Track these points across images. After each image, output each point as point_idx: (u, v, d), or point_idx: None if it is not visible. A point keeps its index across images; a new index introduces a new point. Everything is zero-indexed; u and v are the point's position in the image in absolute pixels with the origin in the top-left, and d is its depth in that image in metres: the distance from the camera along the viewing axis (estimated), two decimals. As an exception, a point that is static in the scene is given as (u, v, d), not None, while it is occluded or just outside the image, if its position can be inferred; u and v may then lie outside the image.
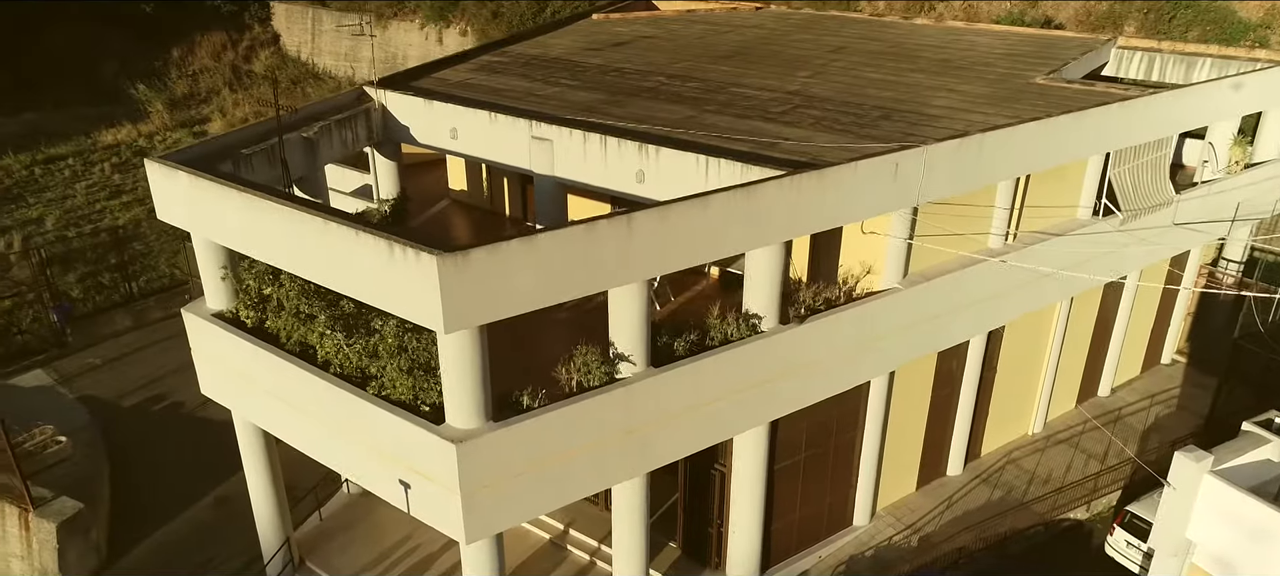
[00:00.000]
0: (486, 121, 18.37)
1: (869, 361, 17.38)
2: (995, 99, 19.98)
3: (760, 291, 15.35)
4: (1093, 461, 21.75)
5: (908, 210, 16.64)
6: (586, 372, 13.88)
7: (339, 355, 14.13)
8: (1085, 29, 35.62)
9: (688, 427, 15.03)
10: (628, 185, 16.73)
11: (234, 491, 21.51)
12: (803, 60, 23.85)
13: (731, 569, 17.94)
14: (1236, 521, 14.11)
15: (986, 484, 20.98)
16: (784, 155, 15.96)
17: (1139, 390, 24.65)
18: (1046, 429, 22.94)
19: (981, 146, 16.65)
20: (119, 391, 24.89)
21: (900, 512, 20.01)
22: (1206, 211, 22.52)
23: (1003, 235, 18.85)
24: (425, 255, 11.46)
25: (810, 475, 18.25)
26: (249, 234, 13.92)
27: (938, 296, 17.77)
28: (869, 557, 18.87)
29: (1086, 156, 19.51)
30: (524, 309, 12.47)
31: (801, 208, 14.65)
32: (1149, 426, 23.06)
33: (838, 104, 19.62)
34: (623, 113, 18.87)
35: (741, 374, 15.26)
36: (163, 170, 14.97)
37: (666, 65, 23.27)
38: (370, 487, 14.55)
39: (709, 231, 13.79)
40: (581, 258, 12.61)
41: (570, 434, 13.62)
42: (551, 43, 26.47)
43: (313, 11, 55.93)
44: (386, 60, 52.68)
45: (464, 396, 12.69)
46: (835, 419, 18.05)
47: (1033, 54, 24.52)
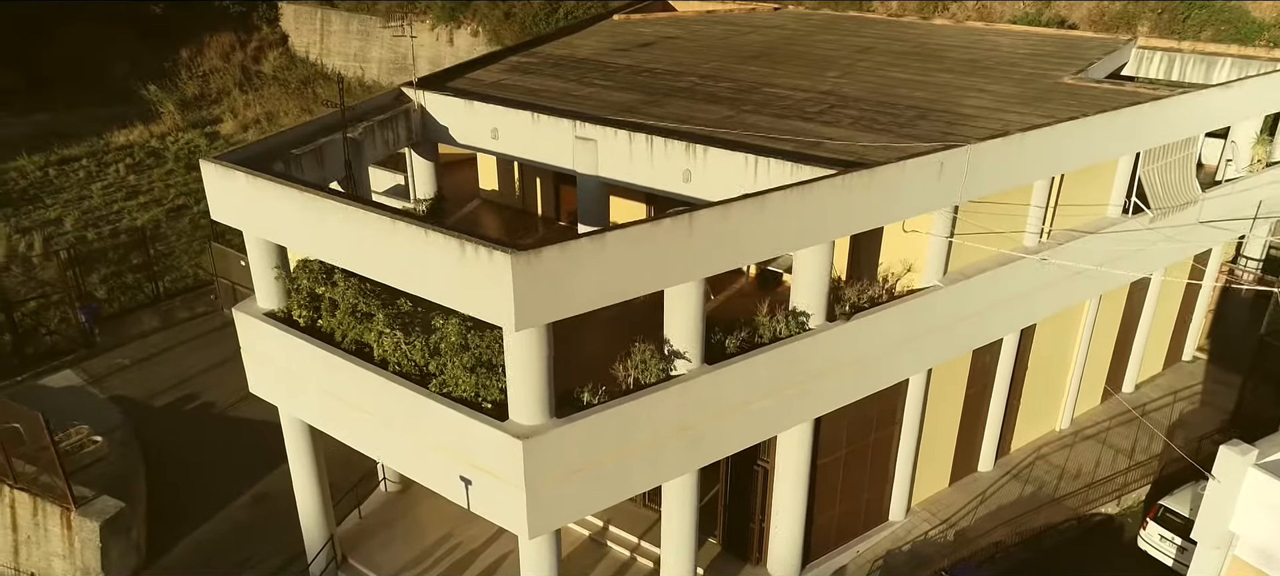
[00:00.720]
0: (529, 122, 18.52)
1: (911, 358, 17.61)
2: (1026, 99, 20.21)
3: (808, 289, 15.56)
4: (1120, 457, 22.02)
5: (949, 209, 16.88)
6: (643, 369, 14.06)
7: (397, 353, 14.29)
8: (1099, 29, 35.96)
9: (739, 424, 15.24)
10: (674, 184, 16.91)
11: (271, 490, 21.71)
12: (830, 60, 24.06)
13: (773, 564, 18.15)
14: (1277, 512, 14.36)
15: (1017, 479, 21.22)
16: (830, 155, 16.15)
17: (1162, 386, 24.94)
18: (1073, 425, 23.21)
19: (1022, 145, 16.89)
20: (150, 391, 24.98)
21: (935, 508, 20.25)
22: (1229, 209, 22.83)
23: (1037, 233, 19.11)
24: (499, 254, 11.63)
25: (850, 471, 18.48)
26: (310, 233, 14.06)
27: (977, 294, 18.01)
28: (906, 552, 19.10)
29: (1120, 155, 19.76)
30: (589, 307, 12.64)
31: (853, 206, 14.87)
32: (1174, 422, 23.34)
33: (872, 104, 19.82)
34: (661, 113, 19.05)
35: (791, 370, 15.47)
36: (219, 170, 15.11)
37: (696, 66, 23.45)
38: (428, 484, 14.70)
39: (765, 230, 13.99)
40: (646, 256, 12.80)
41: (629, 430, 13.80)
42: (577, 43, 26.62)
43: (321, 12, 56.03)
44: (395, 61, 52.88)
45: (529, 393, 12.87)
46: (875, 415, 18.27)
47: (1056, 54, 24.76)
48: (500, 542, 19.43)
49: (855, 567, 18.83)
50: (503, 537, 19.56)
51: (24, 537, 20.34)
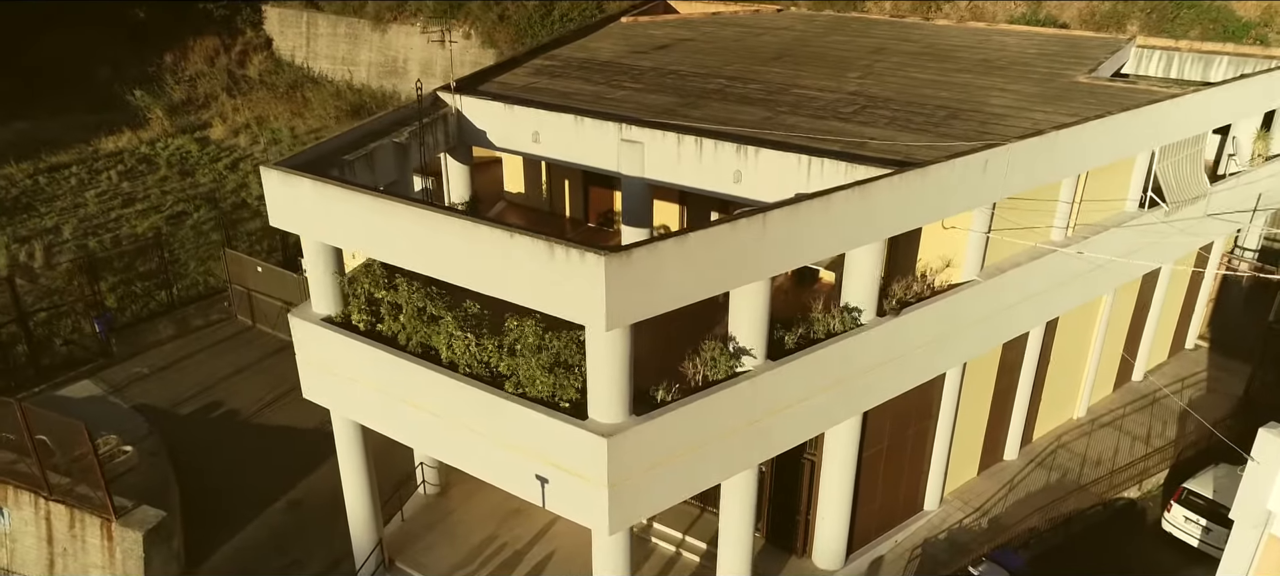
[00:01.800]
0: (572, 125, 18.75)
1: (952, 351, 18.14)
2: (1047, 98, 20.81)
3: (860, 286, 15.99)
4: (1137, 443, 22.77)
5: (988, 206, 17.40)
6: (712, 366, 14.39)
7: (467, 354, 14.47)
8: (1090, 27, 36.91)
9: (799, 418, 15.63)
10: (723, 185, 17.24)
11: (306, 495, 21.72)
12: (847, 61, 24.52)
13: (817, 556, 18.58)
14: (1317, 492, 15.05)
15: (1042, 467, 21.87)
16: (877, 154, 16.57)
17: (1169, 374, 25.78)
18: (1089, 413, 23.94)
19: (1057, 143, 17.46)
20: (173, 399, 24.79)
21: (966, 497, 20.81)
22: (1233, 203, 23.69)
23: (1064, 228, 19.74)
24: (591, 255, 11.88)
25: (890, 462, 18.95)
26: (384, 239, 14.18)
27: (1011, 287, 18.59)
28: (943, 540, 19.63)
29: (1141, 151, 20.46)
30: (670, 306, 12.94)
31: (908, 204, 15.32)
32: (1188, 406, 24.15)
33: (902, 104, 20.30)
34: (701, 115, 19.36)
35: (846, 365, 15.89)
36: (282, 177, 15.17)
37: (720, 68, 23.79)
38: (499, 483, 14.90)
39: (830, 228, 14.40)
40: (723, 255, 13.13)
41: (702, 426, 14.13)
42: (593, 46, 26.84)
43: (307, 15, 55.58)
44: (385, 64, 52.66)
45: (611, 392, 13.13)
46: (913, 408, 18.75)
47: (1063, 53, 25.45)
48: (545, 542, 19.66)
49: (893, 557, 19.31)
50: (547, 537, 19.79)
51: (60, 550, 20.15)
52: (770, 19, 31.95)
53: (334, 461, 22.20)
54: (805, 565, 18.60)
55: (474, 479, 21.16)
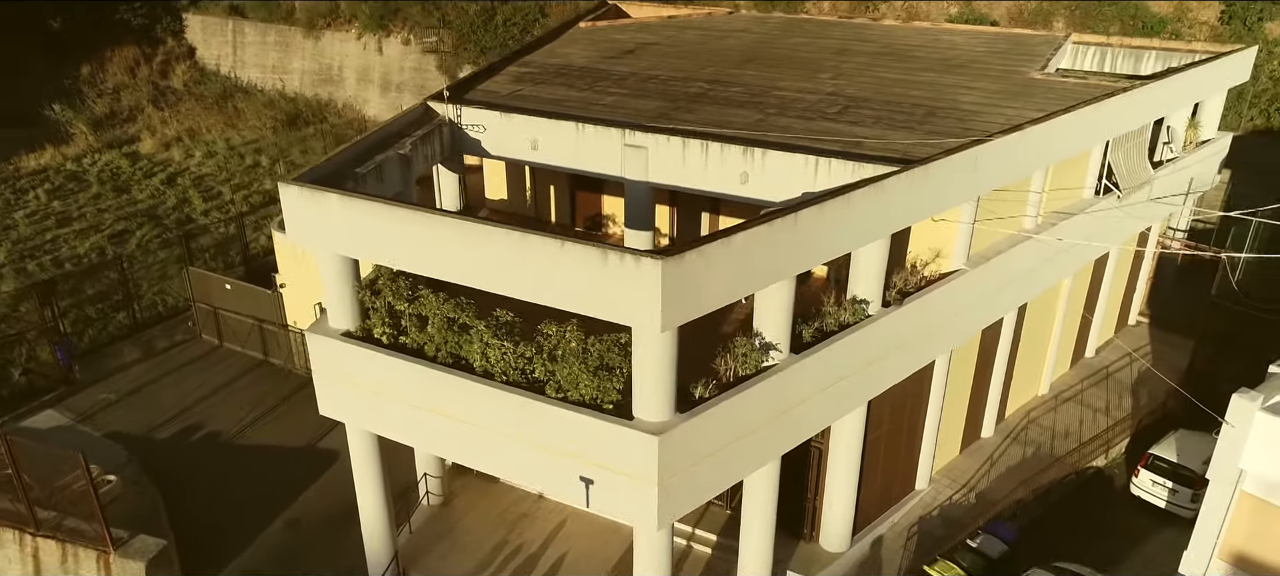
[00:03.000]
0: (574, 132, 19.02)
1: (944, 337, 19.13)
2: (1011, 94, 22.03)
3: (867, 278, 16.78)
4: (1099, 415, 24.34)
5: (975, 198, 18.44)
6: (744, 361, 14.94)
7: (502, 362, 14.65)
8: (1019, 24, 38.92)
9: (819, 408, 16.34)
10: (730, 187, 17.79)
11: (303, 513, 21.41)
12: (815, 63, 25.36)
13: (825, 540, 19.34)
14: (1285, 449, 16.53)
15: (1017, 442, 23.18)
16: (876, 153, 17.38)
17: (1117, 349, 27.56)
18: (1052, 389, 25.44)
19: (1033, 138, 18.61)
20: (147, 425, 24.01)
21: (952, 474, 21.92)
22: (1169, 187, 25.49)
23: (1035, 217, 21.01)
24: (646, 260, 12.28)
25: (888, 446, 19.85)
26: (421, 251, 14.24)
27: (995, 274, 19.71)
28: (936, 517, 20.66)
29: (1099, 142, 21.90)
30: (713, 306, 13.43)
31: (915, 199, 16.18)
32: (1135, 381, 25.90)
33: (879, 103, 21.21)
34: (694, 118, 19.85)
35: (859, 354, 16.66)
36: (305, 193, 15.05)
37: (696, 72, 24.32)
38: (539, 487, 15.23)
39: (849, 225, 15.13)
40: (761, 254, 13.68)
41: (738, 420, 14.66)
42: (563, 51, 27.03)
43: (233, 23, 54.06)
44: (320, 72, 51.64)
45: (658, 391, 13.55)
46: (909, 393, 19.68)
47: (1012, 51, 26.87)
48: (557, 544, 19.89)
49: (893, 535, 20.24)
50: (557, 539, 20.03)
51: (50, 586, 19.39)
52: (726, 21, 32.70)
53: (328, 478, 22.26)
54: (814, 548, 19.34)
55: (477, 487, 21.42)
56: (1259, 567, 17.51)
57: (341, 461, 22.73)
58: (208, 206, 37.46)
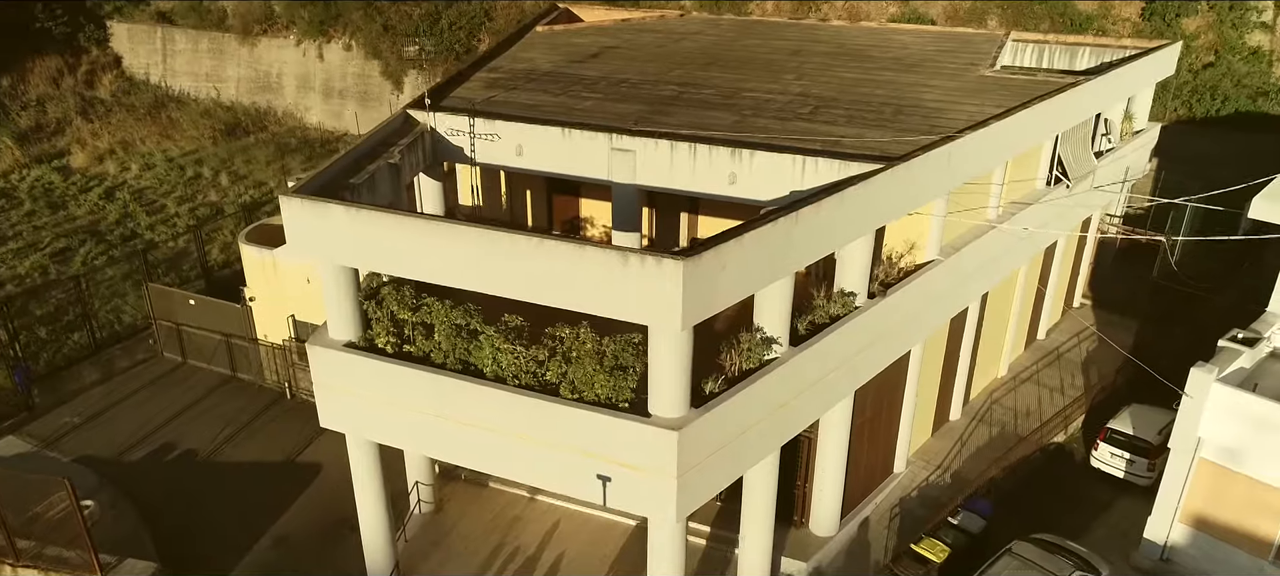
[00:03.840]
0: (560, 137, 19.27)
1: (922, 324, 20.01)
2: (969, 92, 23.06)
3: (854, 272, 17.50)
4: (1055, 394, 25.66)
5: (946, 192, 19.33)
6: (748, 356, 15.46)
7: (515, 366, 14.87)
8: (955, 23, 40.44)
9: (815, 398, 16.99)
10: (718, 187, 18.29)
11: (291, 529, 21.18)
12: (776, 64, 26.04)
13: (814, 525, 20.03)
14: (1238, 416, 17.82)
15: (983, 423, 24.30)
16: (858, 151, 18.09)
17: (1065, 331, 29.04)
18: (1010, 371, 26.70)
19: (999, 132, 19.61)
20: (117, 448, 23.36)
21: (926, 456, 22.89)
22: (1109, 175, 27.01)
23: (997, 208, 22.09)
24: (668, 261, 12.69)
25: (870, 432, 20.64)
26: (434, 260, 14.35)
27: (963, 264, 20.69)
28: (915, 498, 21.57)
29: (1052, 135, 23.11)
30: (724, 305, 13.91)
31: (899, 194, 16.93)
32: (1085, 360, 27.37)
33: (848, 103, 21.98)
34: (674, 121, 20.27)
35: (848, 344, 17.36)
36: (309, 205, 15.00)
37: (665, 75, 24.73)
38: (555, 487, 15.49)
39: (844, 221, 15.78)
40: (767, 252, 14.21)
41: (747, 412, 15.18)
42: (527, 57, 27.15)
43: (162, 31, 52.45)
44: (257, 79, 50.52)
45: (675, 387, 13.96)
46: (888, 380, 20.50)
47: (959, 50, 28.01)
48: (553, 545, 20.13)
49: (877, 517, 21.06)
50: (553, 540, 20.26)
51: (33, 618, 18.80)
52: (680, 24, 33.25)
53: (313, 492, 22.08)
54: (804, 534, 20.00)
55: (468, 492, 21.52)
56: (1217, 527, 18.85)
57: (325, 475, 22.56)
58: (153, 221, 36.38)
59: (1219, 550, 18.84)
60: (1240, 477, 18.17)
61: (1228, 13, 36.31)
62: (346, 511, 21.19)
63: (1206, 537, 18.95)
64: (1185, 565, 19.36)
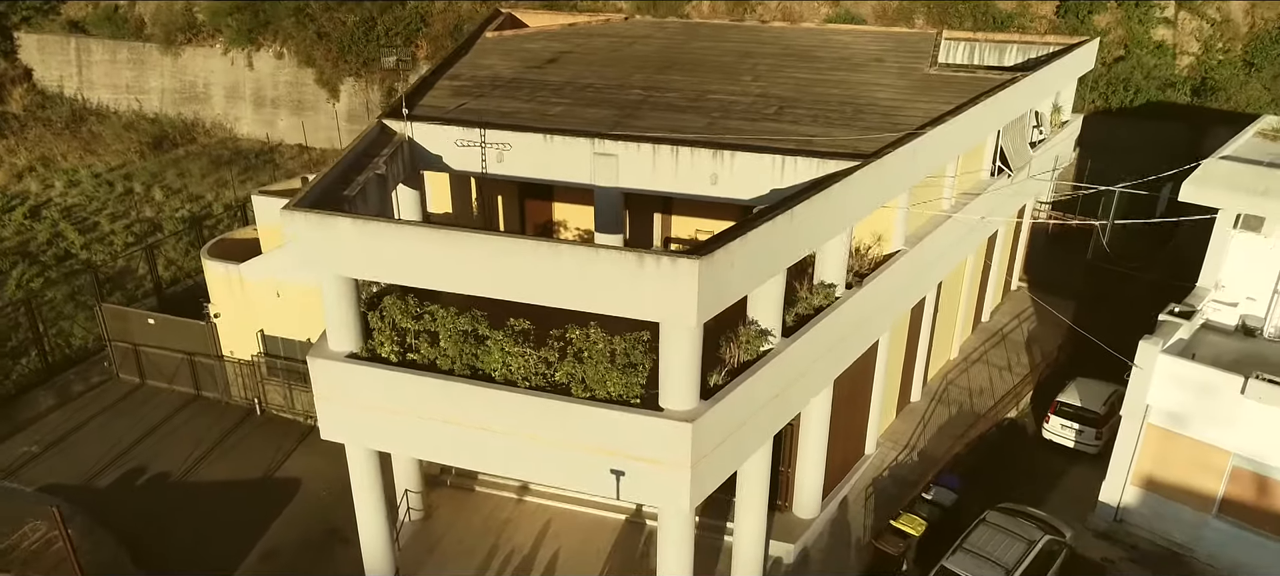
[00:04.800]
0: (542, 143, 19.64)
1: (892, 310, 21.10)
2: (918, 89, 24.29)
3: (833, 265, 18.38)
4: (1004, 372, 27.20)
5: (910, 186, 20.44)
6: (747, 348, 16.18)
7: (524, 368, 15.25)
8: (883, 22, 42.10)
9: (804, 385, 17.82)
10: (700, 188, 18.95)
11: (278, 544, 21.04)
12: (731, 67, 26.81)
13: (798, 508, 20.90)
14: (1182, 383, 19.40)
15: (941, 403, 25.62)
16: (830, 150, 19.00)
17: (1007, 313, 30.74)
18: (961, 353, 28.17)
19: (955, 127, 20.82)
20: (83, 474, 22.70)
21: (894, 437, 24.04)
22: (1041, 165, 28.74)
23: (950, 199, 23.37)
24: (683, 261, 13.28)
25: (846, 416, 21.61)
26: (444, 268, 14.59)
27: (925, 253, 21.86)
28: (887, 477, 22.68)
29: (996, 128, 24.53)
30: (731, 301, 14.58)
31: (875, 189, 17.90)
32: (1027, 339, 29.05)
33: (808, 103, 22.91)
34: (647, 124, 20.85)
35: (831, 333, 18.24)
36: (314, 219, 15.04)
37: (626, 79, 25.27)
38: (569, 484, 15.89)
39: (829, 217, 16.63)
40: (768, 249, 14.94)
41: (749, 402, 15.88)
42: (486, 63, 27.31)
43: (76, 41, 50.50)
44: (183, 90, 49.10)
45: (688, 381, 14.57)
46: (861, 366, 21.51)
47: (899, 49, 29.33)
48: (547, 544, 20.48)
49: (854, 497, 22.09)
50: (547, 539, 20.62)
51: (14, 653, 18.26)
52: (628, 28, 33.82)
53: (295, 506, 21.99)
54: (789, 517, 20.84)
55: (456, 498, 21.72)
56: (1164, 487, 20.44)
57: (305, 488, 22.42)
58: (87, 239, 35.12)
59: (1167, 508, 20.44)
60: (1185, 440, 19.76)
61: (1134, 10, 38.81)
62: (334, 523, 21.28)
63: (1156, 497, 20.54)
64: (1137, 524, 20.93)
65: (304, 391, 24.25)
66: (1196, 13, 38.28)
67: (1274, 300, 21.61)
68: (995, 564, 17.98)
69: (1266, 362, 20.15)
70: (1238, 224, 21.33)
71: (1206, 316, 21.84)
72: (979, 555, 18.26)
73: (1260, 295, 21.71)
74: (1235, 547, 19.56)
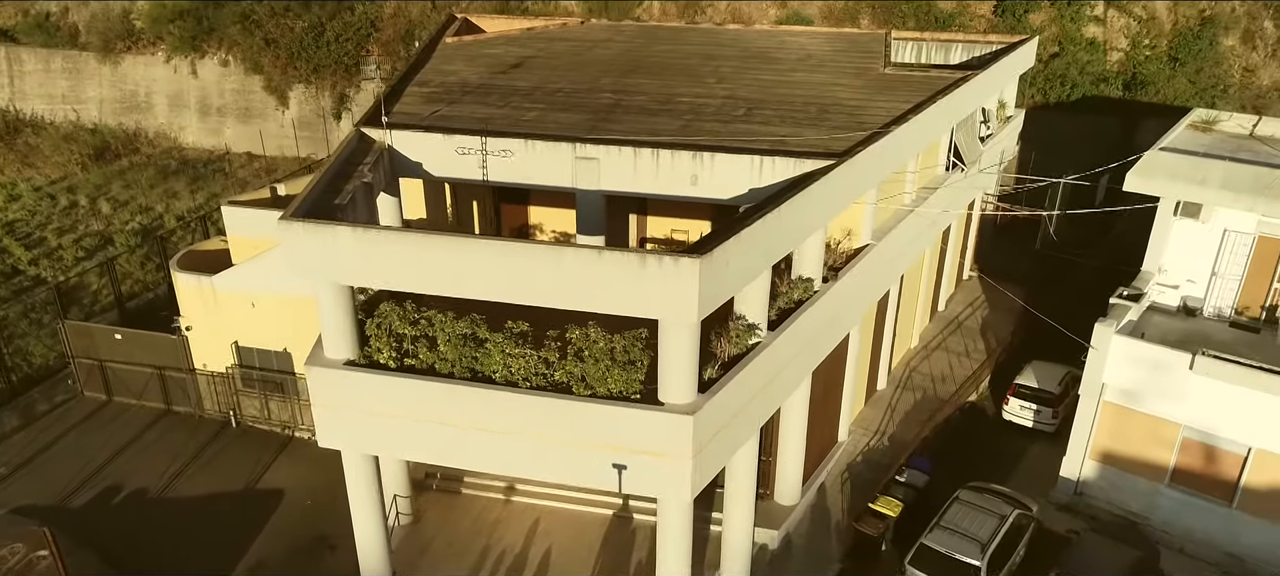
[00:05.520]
0: (524, 148, 19.98)
1: (863, 302, 21.97)
2: (876, 88, 25.22)
3: (810, 260, 19.14)
4: (962, 358, 28.40)
5: (878, 182, 21.33)
6: (737, 342, 16.80)
7: (525, 369, 15.63)
8: (830, 23, 43.28)
9: (789, 376, 18.53)
10: (680, 189, 19.51)
11: (265, 556, 21.03)
12: (694, 70, 27.30)
13: (779, 495, 21.64)
14: (1135, 362, 20.66)
15: (906, 389, 26.68)
16: (804, 149, 19.74)
17: (960, 301, 32.02)
18: (921, 341, 29.31)
19: (916, 125, 21.78)
20: (55, 494, 22.28)
21: (864, 424, 24.98)
22: (989, 158, 30.09)
23: (911, 194, 24.39)
24: (685, 260, 13.84)
25: (822, 405, 22.43)
26: (448, 274, 14.87)
27: (892, 245, 22.80)
28: (861, 462, 23.59)
29: (952, 125, 25.63)
30: (728, 297, 15.18)
31: (849, 185, 18.70)
32: (982, 325, 30.34)
33: (775, 104, 23.62)
34: (622, 128, 21.33)
35: (812, 325, 18.99)
36: (313, 228, 15.18)
37: (594, 83, 25.65)
38: (571, 480, 16.28)
39: (810, 213, 17.36)
40: (760, 245, 15.58)
41: (742, 393, 16.51)
42: (450, 69, 27.41)
43: (6, 50, 48.83)
44: (123, 100, 47.93)
45: (686, 376, 15.13)
46: (835, 356, 22.34)
47: (853, 49, 30.21)
48: (538, 541, 20.87)
49: (831, 482, 22.93)
50: (537, 536, 21.00)
51: (1, 678, 17.93)
52: (585, 32, 34.16)
53: (279, 517, 22.02)
54: (770, 504, 21.54)
55: (444, 501, 21.97)
56: (1120, 460, 21.72)
57: (289, 498, 22.38)
58: (35, 255, 34.16)
59: (1123, 480, 21.73)
60: (1138, 415, 21.04)
61: (1066, 8, 40.63)
62: (321, 530, 21.33)
63: (1112, 470, 21.80)
64: (1095, 496, 22.18)
65: (281, 402, 24.17)
66: (1124, 11, 40.25)
67: (1212, 282, 23.09)
68: (971, 539, 18.94)
69: (1209, 340, 21.56)
70: (1178, 211, 22.70)
71: (1152, 299, 23.22)
72: (955, 531, 19.21)
73: (1200, 277, 23.17)
74: (1187, 514, 20.91)
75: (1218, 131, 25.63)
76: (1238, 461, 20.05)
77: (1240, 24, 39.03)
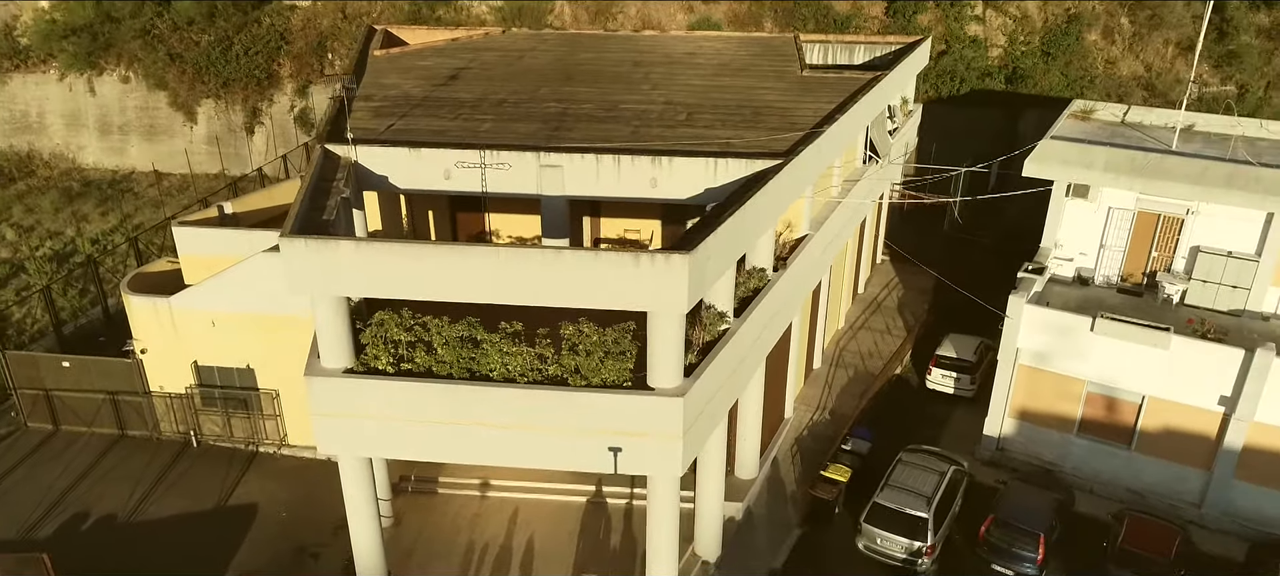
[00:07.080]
0: (491, 158, 20.95)
1: (805, 288, 23.90)
2: (801, 90, 27.20)
3: (763, 251, 20.91)
4: (885, 336, 30.85)
5: (815, 178, 23.29)
6: (709, 329, 18.36)
7: (521, 365, 16.76)
8: (735, 26, 45.44)
9: (752, 359, 20.22)
10: (640, 191, 20.89)
11: (255, 564, 21.26)
12: (627, 76, 28.65)
13: (740, 470, 23.36)
14: (1043, 327, 23.30)
15: (840, 366, 28.87)
16: (750, 150, 21.45)
17: (877, 283, 34.59)
18: (847, 321, 31.63)
19: (845, 123, 23.86)
20: (20, 526, 21.95)
21: (806, 401, 27.00)
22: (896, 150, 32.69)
23: (839, 187, 26.53)
24: (675, 256, 15.28)
25: (772, 384, 24.26)
26: (447, 280, 15.82)
27: (827, 234, 24.85)
28: (807, 436, 25.56)
29: (867, 121, 27.91)
30: (708, 289, 16.70)
31: (797, 181, 20.52)
32: (899, 304, 32.93)
33: (711, 108, 25.25)
34: (578, 136, 22.51)
35: (767, 311, 20.74)
36: (314, 244, 15.85)
37: (535, 93, 26.62)
38: (568, 466, 17.46)
39: (769, 207, 19.08)
40: (732, 240, 17.17)
41: (721, 376, 18.08)
42: (390, 83, 27.96)
43: (-124, 72, 45.82)
44: (14, 121, 45.91)
45: (673, 363, 16.57)
46: (781, 339, 24.20)
47: (767, 53, 32.14)
48: (520, 531, 21.98)
49: (783, 456, 24.82)
50: (517, 528, 22.06)
51: None
52: (508, 41, 34.91)
53: (257, 531, 22.43)
54: (733, 480, 23.19)
55: (421, 502, 22.81)
56: (1035, 416, 24.36)
57: (263, 512, 22.68)
58: (-58, 287, 32.72)
59: (1038, 433, 24.40)
60: (1049, 374, 23.71)
61: (950, 8, 43.99)
62: (300, 541, 21.77)
63: (1028, 426, 24.45)
64: (1014, 450, 24.80)
65: (243, 418, 24.34)
66: (1000, 10, 43.90)
67: (1100, 253, 26.09)
68: (918, 494, 21.12)
69: (1102, 304, 24.47)
70: (1069, 192, 25.55)
71: (1052, 271, 26.05)
72: (903, 489, 21.35)
73: (1090, 251, 26.13)
74: (1094, 459, 23.71)
75: (1095, 120, 28.79)
76: (1134, 409, 22.93)
77: (1100, 20, 43.19)
